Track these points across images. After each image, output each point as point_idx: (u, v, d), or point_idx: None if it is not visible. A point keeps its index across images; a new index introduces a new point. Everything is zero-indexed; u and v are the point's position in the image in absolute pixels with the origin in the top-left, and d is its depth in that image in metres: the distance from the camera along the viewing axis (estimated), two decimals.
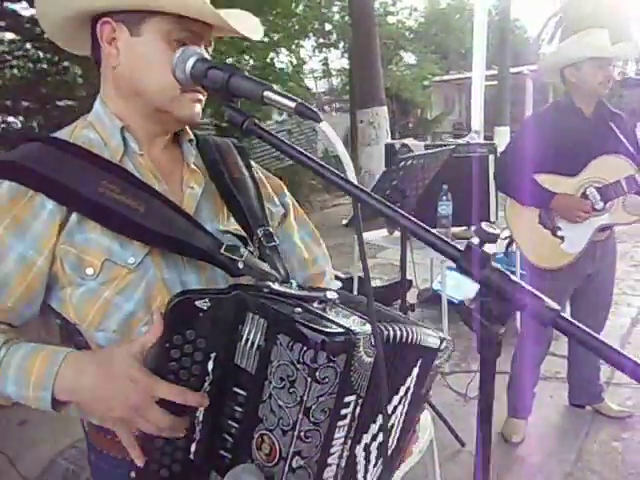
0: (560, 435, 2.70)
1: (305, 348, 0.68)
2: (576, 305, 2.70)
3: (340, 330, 0.70)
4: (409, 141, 3.57)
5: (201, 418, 0.79)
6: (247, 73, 0.73)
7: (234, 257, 0.86)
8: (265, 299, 0.75)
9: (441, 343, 0.87)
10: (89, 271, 0.83)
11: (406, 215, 0.59)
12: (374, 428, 0.80)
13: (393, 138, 11.54)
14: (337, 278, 4.70)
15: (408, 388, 0.82)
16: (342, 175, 0.62)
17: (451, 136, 15.19)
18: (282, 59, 10.18)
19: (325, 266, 1.15)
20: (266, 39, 8.33)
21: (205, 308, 0.76)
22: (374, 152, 7.82)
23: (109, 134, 0.90)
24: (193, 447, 0.79)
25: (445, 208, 3.38)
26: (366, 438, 0.79)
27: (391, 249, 4.38)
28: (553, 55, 2.61)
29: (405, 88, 13.12)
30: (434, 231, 0.60)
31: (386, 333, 0.75)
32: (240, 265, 0.86)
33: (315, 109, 0.68)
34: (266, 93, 0.69)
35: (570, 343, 2.80)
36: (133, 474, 0.82)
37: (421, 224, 0.59)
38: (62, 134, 0.90)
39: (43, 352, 0.81)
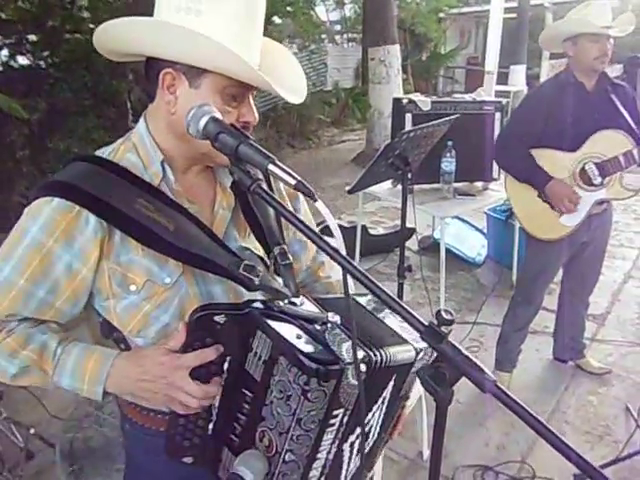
0: (541, 387, 2.92)
1: (300, 372, 0.82)
2: (568, 270, 2.83)
3: (332, 359, 0.83)
4: (415, 97, 3.58)
5: (217, 404, 0.96)
6: None
7: (251, 276, 0.99)
8: (273, 319, 0.88)
9: (417, 354, 0.98)
10: (132, 288, 0.97)
11: (381, 287, 0.70)
12: (359, 429, 0.96)
13: (405, 73, 11.30)
14: (340, 227, 4.85)
15: (384, 397, 0.97)
16: (335, 247, 0.72)
17: (465, 71, 14.83)
18: None
19: (330, 271, 1.29)
20: None
21: (222, 322, 0.91)
22: (384, 91, 7.72)
23: (150, 161, 1.00)
24: (210, 426, 0.97)
25: (448, 165, 3.45)
26: (352, 437, 0.95)
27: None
28: (552, 28, 2.61)
29: (419, 22, 12.66)
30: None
31: (374, 359, 0.88)
32: (256, 282, 1.00)
33: (311, 187, 0.77)
34: (270, 166, 0.78)
35: (559, 300, 2.96)
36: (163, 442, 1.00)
37: (392, 296, 0.70)
38: (106, 153, 1.01)
39: (95, 354, 0.97)
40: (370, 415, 0.95)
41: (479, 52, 15.33)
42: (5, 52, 5.93)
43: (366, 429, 0.96)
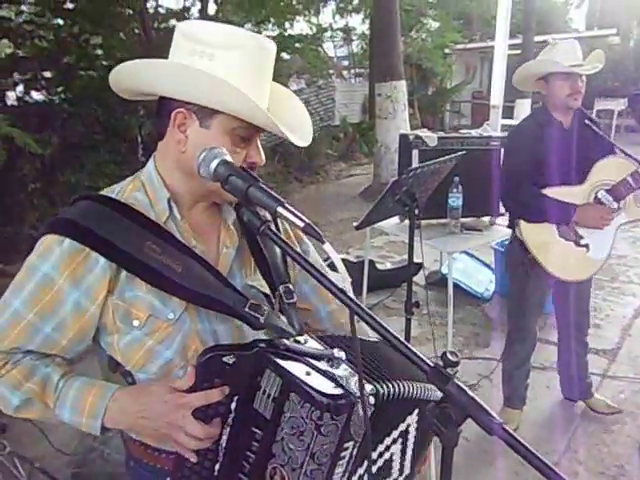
0: (552, 425, 2.86)
1: (313, 408, 0.83)
2: (558, 311, 2.80)
3: (342, 392, 0.84)
4: (422, 133, 3.63)
5: (224, 444, 0.95)
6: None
7: (256, 314, 1.00)
8: (281, 357, 0.89)
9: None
10: (135, 323, 0.98)
11: (390, 331, 0.71)
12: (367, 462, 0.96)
13: (412, 107, 11.46)
14: (348, 262, 4.84)
15: (406, 430, 0.97)
16: (341, 288, 0.73)
17: (470, 105, 15.03)
18: (302, 26, 10.10)
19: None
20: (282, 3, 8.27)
21: (230, 362, 0.91)
22: (391, 126, 7.83)
23: (157, 199, 1.02)
24: (217, 467, 0.96)
25: (455, 200, 3.47)
26: (360, 470, 0.95)
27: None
28: (524, 69, 2.63)
29: (425, 57, 12.90)
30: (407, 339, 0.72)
31: (381, 392, 0.89)
32: (261, 321, 1.00)
33: (318, 230, 0.78)
34: (279, 209, 0.80)
35: (558, 338, 2.91)
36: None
37: (398, 336, 0.71)
38: (115, 192, 1.03)
39: (94, 389, 0.98)
40: (382, 447, 0.95)
41: (484, 86, 15.58)
42: (21, 88, 6.09)
43: (382, 462, 0.96)
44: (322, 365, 0.89)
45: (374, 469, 0.96)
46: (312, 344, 0.94)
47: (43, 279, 0.95)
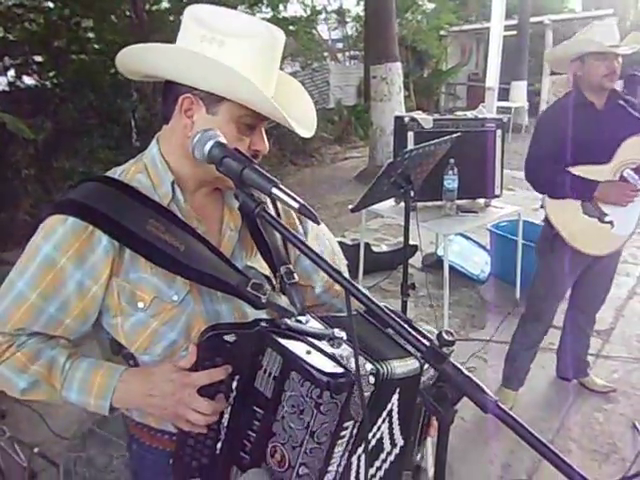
0: (546, 405, 2.90)
1: (313, 386, 0.84)
2: (576, 286, 2.79)
3: (342, 371, 0.85)
4: (417, 115, 3.62)
5: (226, 423, 0.96)
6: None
7: (258, 294, 1.01)
8: (282, 336, 0.90)
9: (423, 365, 0.99)
10: (140, 304, 0.98)
11: (381, 306, 0.71)
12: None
13: (407, 90, 11.37)
14: (344, 244, 4.84)
15: (390, 410, 0.97)
16: (336, 269, 0.73)
17: (466, 87, 14.94)
18: (295, 8, 10.00)
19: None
20: None
21: (232, 341, 0.92)
22: (386, 108, 7.77)
23: (160, 182, 1.02)
24: (219, 445, 0.97)
25: (451, 182, 3.47)
26: (359, 450, 0.95)
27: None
28: (559, 50, 2.64)
29: (420, 39, 12.79)
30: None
31: (382, 371, 0.89)
32: (263, 300, 1.01)
33: (314, 211, 0.78)
34: (274, 190, 0.80)
35: (565, 317, 2.94)
36: (171, 460, 1.00)
37: (393, 315, 0.71)
38: (117, 173, 1.03)
39: (102, 370, 0.99)
40: (375, 428, 0.95)
41: (480, 69, 15.48)
42: (12, 72, 6.02)
43: (375, 442, 0.97)
44: (323, 345, 0.89)
45: (369, 448, 0.97)
46: (313, 324, 0.95)
47: (46, 259, 0.95)
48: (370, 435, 0.96)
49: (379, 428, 0.97)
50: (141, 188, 1.01)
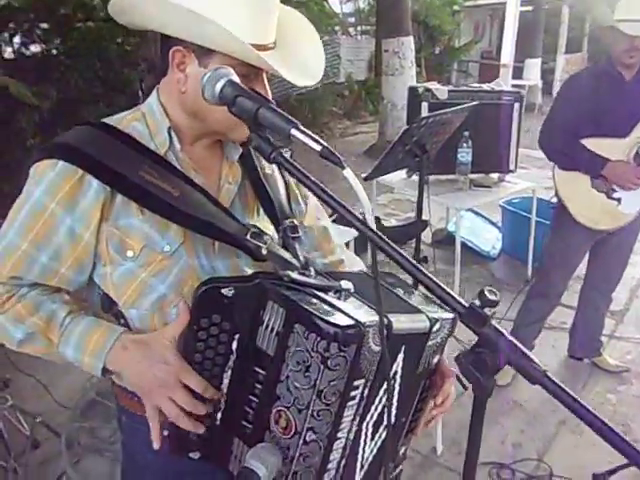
0: None
1: (319, 338, 0.76)
2: (592, 263, 2.75)
3: (351, 322, 0.77)
4: (432, 85, 3.50)
5: (225, 391, 0.89)
6: None
7: (259, 243, 0.94)
8: (285, 289, 0.82)
9: (433, 325, 0.92)
10: (129, 253, 0.93)
11: (418, 267, 0.63)
12: (376, 406, 0.90)
13: (418, 66, 11.16)
14: None
15: (395, 372, 0.90)
16: (364, 221, 0.66)
17: (479, 65, 14.66)
18: None
19: (342, 255, 1.21)
20: None
21: (230, 295, 0.85)
22: (397, 82, 7.63)
23: (157, 130, 0.97)
24: (219, 415, 0.90)
25: (465, 155, 3.37)
26: (371, 415, 0.89)
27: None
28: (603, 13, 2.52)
29: (433, 14, 12.50)
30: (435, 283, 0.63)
31: (395, 325, 0.82)
32: (264, 251, 0.94)
33: (337, 154, 0.71)
34: (293, 131, 0.72)
35: (580, 296, 2.87)
36: (166, 432, 0.93)
37: (432, 277, 0.63)
38: (112, 121, 0.97)
39: (101, 328, 0.93)
40: (381, 393, 0.88)
41: (493, 46, 15.16)
42: (17, 40, 5.92)
43: (379, 409, 0.89)
44: (329, 297, 0.82)
45: (375, 417, 0.90)
46: (318, 278, 0.88)
47: (35, 205, 0.91)
48: (372, 407, 0.89)
49: (381, 397, 0.90)
50: (136, 135, 0.96)
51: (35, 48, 5.97)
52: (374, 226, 0.67)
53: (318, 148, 0.71)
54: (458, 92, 3.52)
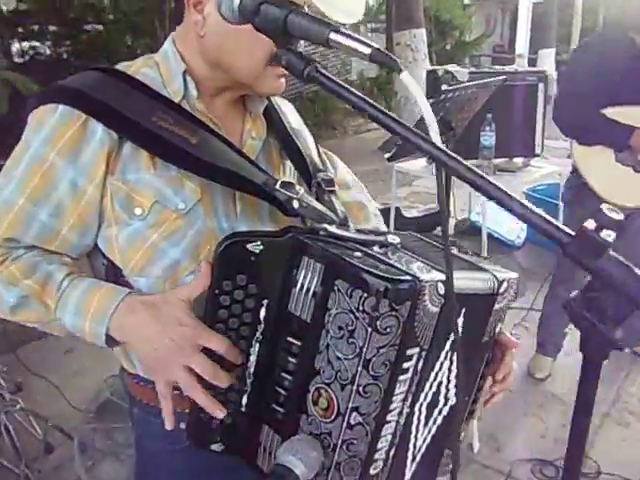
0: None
1: (365, 295, 0.63)
2: (620, 240, 2.57)
3: (405, 277, 0.64)
4: (452, 67, 3.36)
5: (252, 369, 0.76)
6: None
7: (290, 194, 0.81)
8: (322, 242, 0.69)
9: (500, 286, 0.78)
10: (137, 211, 0.82)
11: (514, 196, 0.49)
12: (431, 384, 0.76)
13: (430, 61, 11.00)
14: None
15: (454, 341, 0.75)
16: (418, 132, 0.53)
17: (491, 60, 14.45)
18: None
19: (380, 225, 1.11)
20: None
21: (257, 252, 0.72)
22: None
23: (171, 76, 0.86)
24: (244, 399, 0.77)
25: (488, 139, 3.21)
26: (423, 395, 0.75)
27: (426, 177, 4.24)
28: None
29: (444, 8, 12.34)
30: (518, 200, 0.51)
31: (453, 281, 0.67)
32: (295, 204, 0.81)
33: (392, 56, 0.58)
34: (333, 35, 0.58)
35: None
36: (183, 425, 0.81)
37: (522, 201, 0.49)
38: (120, 67, 0.87)
39: (104, 288, 0.81)
40: (438, 366, 0.74)
41: (505, 40, 14.99)
42: (27, 43, 5.91)
43: (434, 387, 0.76)
44: (374, 250, 0.69)
45: (429, 398, 0.76)
46: (360, 233, 0.75)
47: (33, 156, 0.81)
48: (427, 385, 0.75)
49: (441, 368, 0.76)
50: (147, 82, 0.84)
51: (45, 50, 5.96)
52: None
53: (367, 51, 0.58)
54: (479, 73, 3.39)
